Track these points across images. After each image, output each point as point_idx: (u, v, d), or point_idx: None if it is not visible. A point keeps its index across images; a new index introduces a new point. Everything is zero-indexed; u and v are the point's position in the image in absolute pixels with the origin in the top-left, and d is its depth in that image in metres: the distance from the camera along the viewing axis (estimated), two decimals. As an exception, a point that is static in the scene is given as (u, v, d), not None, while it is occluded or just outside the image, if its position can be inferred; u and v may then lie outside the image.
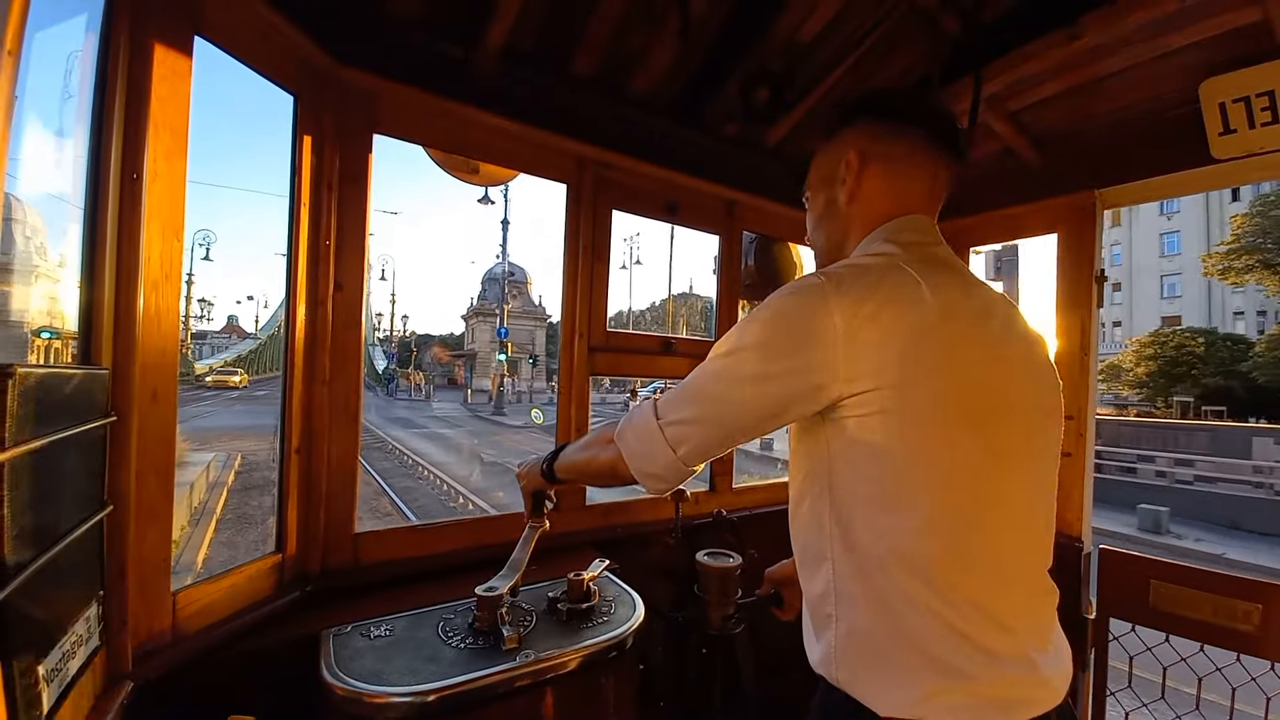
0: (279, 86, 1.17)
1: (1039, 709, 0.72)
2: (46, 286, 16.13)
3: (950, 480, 0.71)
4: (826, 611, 0.78)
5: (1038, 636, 0.76)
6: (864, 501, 0.73)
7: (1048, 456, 0.82)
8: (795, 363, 0.72)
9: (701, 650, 1.54)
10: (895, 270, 0.75)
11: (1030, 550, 0.78)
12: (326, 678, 0.98)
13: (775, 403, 0.75)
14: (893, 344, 0.70)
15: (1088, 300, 1.71)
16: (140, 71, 0.89)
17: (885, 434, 0.70)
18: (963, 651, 0.69)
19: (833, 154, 0.92)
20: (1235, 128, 1.40)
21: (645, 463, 0.84)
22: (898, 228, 0.85)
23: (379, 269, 55.52)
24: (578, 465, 1.02)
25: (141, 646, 0.92)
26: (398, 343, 59.64)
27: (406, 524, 1.44)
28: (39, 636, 0.68)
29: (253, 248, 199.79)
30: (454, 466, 13.42)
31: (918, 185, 0.87)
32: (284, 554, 1.21)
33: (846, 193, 0.89)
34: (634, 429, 0.86)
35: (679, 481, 0.85)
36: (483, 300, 50.42)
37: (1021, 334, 0.82)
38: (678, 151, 1.78)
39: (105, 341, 0.86)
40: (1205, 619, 1.44)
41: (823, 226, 0.95)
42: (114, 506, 0.86)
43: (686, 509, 1.68)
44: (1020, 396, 0.77)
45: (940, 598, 0.69)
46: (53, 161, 1.71)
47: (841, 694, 0.76)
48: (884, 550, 0.72)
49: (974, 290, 0.80)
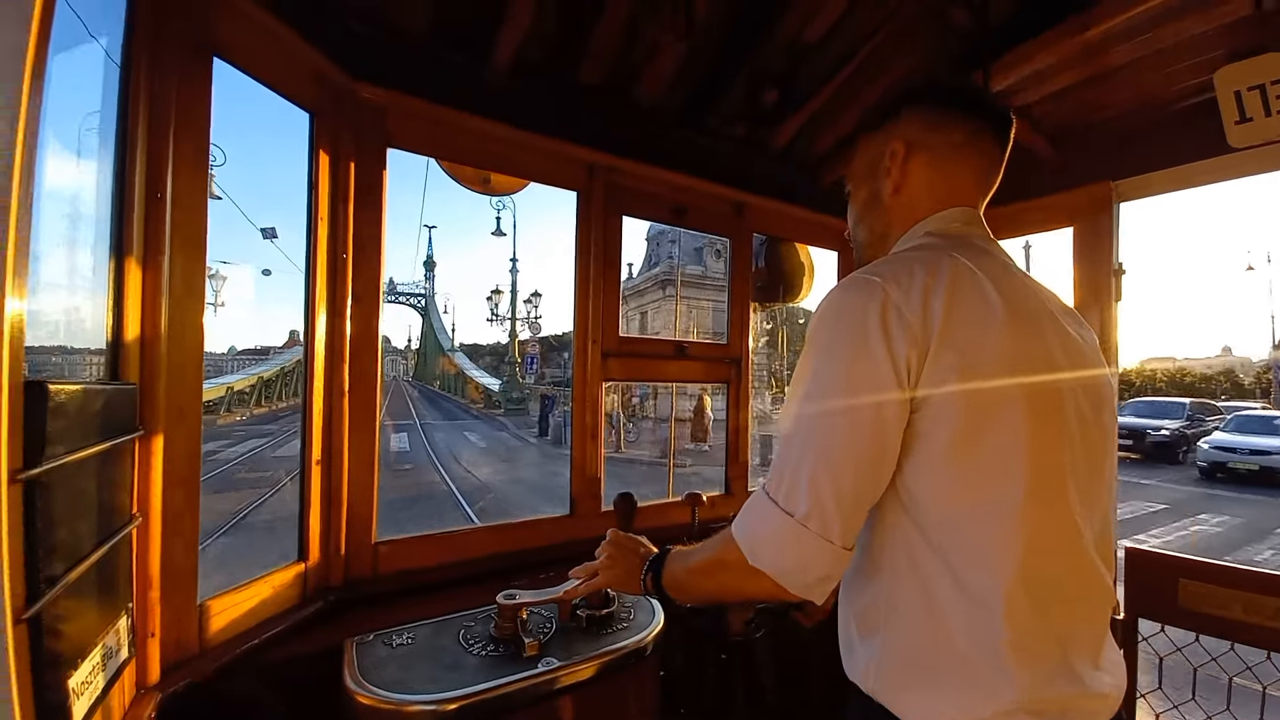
0: (296, 105, 1.19)
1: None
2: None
3: (1032, 478, 0.67)
4: (874, 622, 0.74)
5: (1094, 646, 0.73)
6: (944, 502, 0.69)
7: (1107, 447, 0.79)
8: (867, 367, 0.67)
9: (721, 656, 1.53)
10: (951, 261, 0.72)
11: (1095, 554, 0.73)
12: (350, 686, 0.98)
13: (875, 418, 0.67)
14: (964, 338, 0.67)
15: (1107, 295, 1.69)
16: (161, 93, 0.91)
17: (965, 432, 0.67)
18: (1019, 668, 0.66)
19: (878, 144, 0.88)
20: (1251, 116, 1.38)
21: (770, 553, 0.70)
22: (945, 219, 0.83)
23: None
24: (694, 587, 0.88)
25: (169, 658, 0.93)
26: (535, 345, 34.89)
27: (426, 532, 1.44)
28: (69, 650, 0.69)
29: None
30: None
31: (965, 178, 0.85)
32: (306, 564, 1.22)
33: (892, 184, 0.86)
34: (748, 518, 0.74)
35: (819, 566, 0.69)
36: (650, 270, 28.13)
37: (1076, 325, 0.80)
38: (686, 155, 1.78)
39: (132, 358, 0.88)
40: (1236, 617, 1.41)
41: (866, 219, 0.92)
42: (142, 519, 0.88)
43: (703, 513, 1.67)
44: (1084, 388, 0.76)
45: (1005, 614, 0.65)
46: (75, 182, 1.71)
47: (877, 705, 0.73)
48: (957, 558, 0.68)
49: (1028, 283, 0.79)
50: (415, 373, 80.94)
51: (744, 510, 0.76)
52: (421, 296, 65.10)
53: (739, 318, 2.05)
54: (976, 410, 0.67)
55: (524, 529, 1.59)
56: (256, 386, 31.15)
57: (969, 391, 0.66)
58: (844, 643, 0.82)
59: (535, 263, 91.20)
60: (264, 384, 32.39)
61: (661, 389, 19.97)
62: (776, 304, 2.43)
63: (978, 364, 0.67)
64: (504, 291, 34.18)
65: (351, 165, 1.27)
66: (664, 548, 0.95)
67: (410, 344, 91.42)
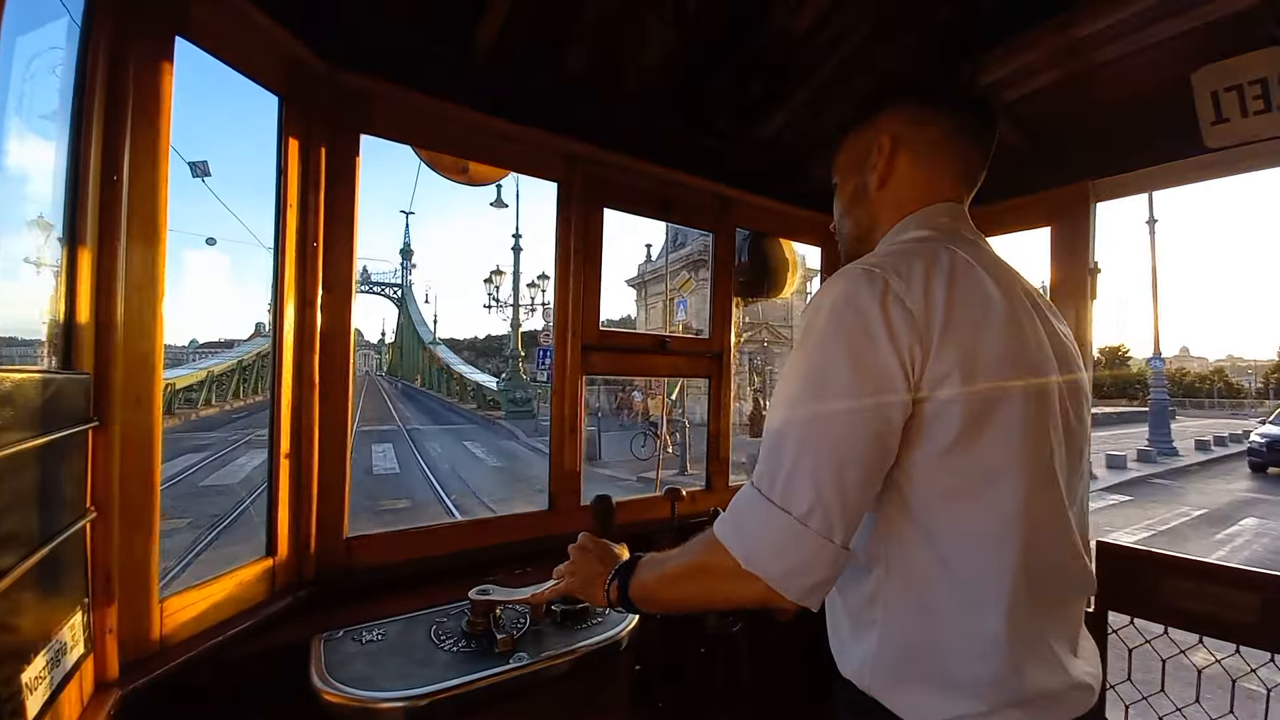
0: (264, 88, 1.16)
1: (1078, 710, 0.70)
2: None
3: (1031, 473, 0.68)
4: (871, 618, 0.73)
5: (1072, 635, 0.74)
6: (944, 496, 0.68)
7: (1085, 440, 0.80)
8: (871, 360, 0.66)
9: (699, 650, 1.53)
10: (948, 253, 0.72)
11: (1078, 544, 0.75)
12: (317, 684, 0.97)
13: (879, 412, 0.66)
14: (966, 331, 0.67)
15: (1083, 294, 1.70)
16: (120, 72, 0.88)
17: (967, 427, 0.66)
18: (1015, 661, 0.66)
19: (864, 138, 0.88)
20: (1228, 117, 1.39)
21: (766, 554, 0.67)
22: (933, 213, 0.83)
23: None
24: (670, 596, 0.83)
25: (129, 655, 0.91)
26: (549, 335, 16.15)
27: (399, 527, 1.42)
28: (23, 644, 0.67)
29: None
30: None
31: (950, 172, 0.85)
32: (275, 559, 1.20)
33: (877, 178, 0.86)
34: (739, 518, 0.71)
35: (820, 568, 0.66)
36: (678, 250, 23.50)
37: (1058, 320, 0.82)
38: (670, 148, 1.77)
39: (86, 346, 0.85)
40: (1206, 611, 1.43)
41: (853, 212, 0.92)
42: (98, 513, 0.85)
43: (682, 508, 1.67)
44: (1069, 382, 0.77)
45: (1005, 608, 0.66)
46: (33, 164, 1.61)
47: (871, 701, 0.73)
48: (956, 554, 0.68)
49: (1018, 276, 0.80)
50: (390, 368, 76.19)
51: (731, 510, 0.72)
52: (397, 286, 61.72)
53: (721, 312, 2.04)
54: (978, 404, 0.66)
55: (501, 525, 1.57)
56: (206, 382, 27.18)
57: (971, 386, 0.66)
58: (835, 639, 0.81)
59: (542, 238, 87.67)
60: (215, 380, 28.25)
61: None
62: (760, 299, 2.43)
63: (979, 357, 0.67)
64: (505, 272, 27.80)
65: (323, 151, 1.24)
66: (634, 556, 0.91)
67: (384, 337, 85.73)
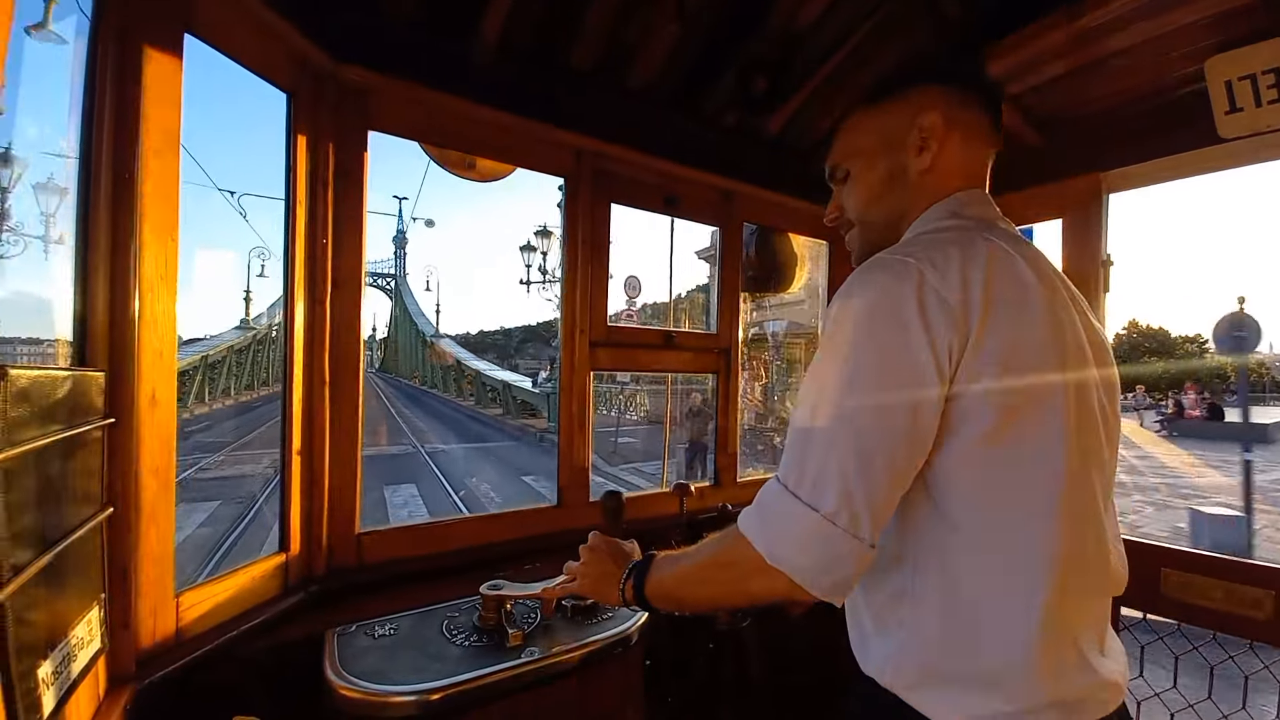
0: (273, 85, 1.16)
1: (1106, 709, 0.69)
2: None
3: (1071, 470, 0.66)
4: (896, 615, 0.71)
5: (1100, 632, 0.73)
6: (978, 492, 0.66)
7: (1118, 434, 0.78)
8: (904, 354, 0.63)
9: (709, 645, 1.53)
10: (986, 242, 0.69)
11: (1110, 541, 0.73)
12: (331, 677, 0.97)
13: (912, 408, 0.64)
14: (1005, 323, 0.64)
15: (1095, 287, 1.69)
16: (130, 70, 0.88)
17: (1006, 423, 0.63)
18: (1046, 661, 0.64)
19: (896, 116, 0.80)
20: (1242, 106, 1.37)
21: (791, 550, 0.65)
22: (965, 201, 0.79)
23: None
24: (689, 593, 0.82)
25: (145, 649, 0.92)
26: (634, 314, 18.54)
27: (410, 522, 1.43)
28: (39, 639, 0.68)
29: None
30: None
31: (983, 157, 0.82)
32: (288, 554, 1.21)
33: (927, 159, 0.78)
34: (763, 513, 0.69)
35: (846, 566, 0.64)
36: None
37: (1090, 311, 0.79)
38: (676, 142, 1.76)
39: (100, 344, 0.85)
40: (1217, 607, 1.42)
41: (885, 199, 0.83)
42: (114, 508, 0.86)
43: (691, 504, 1.67)
44: (1103, 375, 0.75)
45: (1041, 607, 0.64)
46: (46, 163, 1.61)
47: (892, 699, 0.70)
48: (992, 552, 0.66)
49: (1053, 267, 0.77)
50: (384, 365, 69.24)
51: (756, 505, 0.70)
52: (391, 277, 58.92)
53: (729, 307, 2.04)
54: (1018, 398, 0.64)
55: (511, 520, 1.57)
56: (200, 367, 24.63)
57: (1011, 380, 0.64)
58: (856, 635, 0.79)
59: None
60: (209, 367, 25.94)
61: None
62: (768, 294, 2.42)
63: (1020, 351, 0.64)
64: (554, 232, 18.81)
65: (331, 147, 1.24)
66: (649, 554, 0.88)
67: (375, 332, 77.38)
